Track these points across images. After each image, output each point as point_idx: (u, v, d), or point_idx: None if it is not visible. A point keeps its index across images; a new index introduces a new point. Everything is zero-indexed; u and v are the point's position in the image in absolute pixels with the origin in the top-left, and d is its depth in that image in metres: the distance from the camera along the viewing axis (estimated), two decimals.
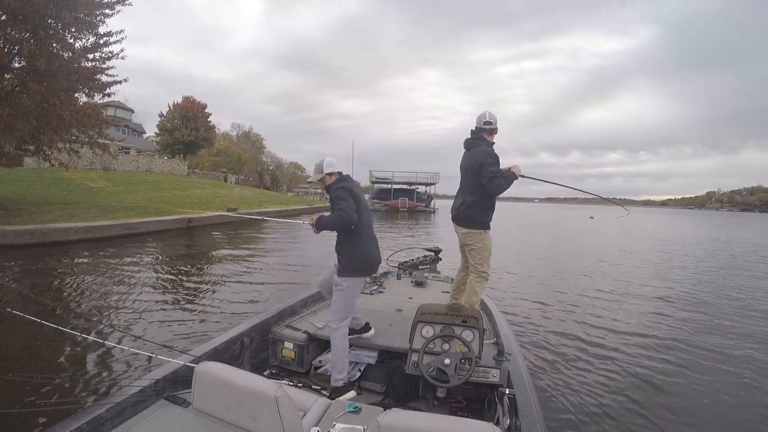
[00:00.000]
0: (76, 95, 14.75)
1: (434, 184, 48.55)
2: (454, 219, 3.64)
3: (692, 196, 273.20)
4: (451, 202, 3.87)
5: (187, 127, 37.31)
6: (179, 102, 38.14)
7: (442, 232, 21.86)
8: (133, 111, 47.73)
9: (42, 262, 9.12)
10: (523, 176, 3.55)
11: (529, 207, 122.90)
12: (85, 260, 9.62)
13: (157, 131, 39.67)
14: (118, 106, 45.22)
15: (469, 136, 3.56)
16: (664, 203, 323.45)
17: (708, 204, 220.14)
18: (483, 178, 3.25)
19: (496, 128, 3.51)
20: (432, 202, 48.22)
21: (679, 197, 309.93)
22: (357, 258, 2.90)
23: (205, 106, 39.01)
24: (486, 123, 3.47)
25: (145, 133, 48.05)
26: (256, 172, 57.95)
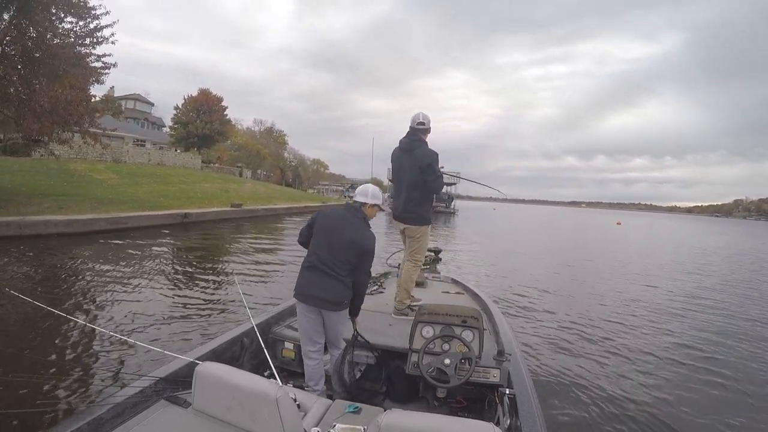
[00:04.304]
0: (90, 87, 14.23)
1: (455, 184, 46.87)
2: (398, 217, 3.86)
3: (719, 203, 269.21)
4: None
5: (202, 120, 36.82)
6: (195, 95, 37.67)
7: (462, 241, 20.70)
8: (153, 104, 48.04)
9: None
10: (444, 173, 3.87)
11: (573, 212, 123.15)
12: (45, 256, 8.78)
13: (171, 124, 39.32)
14: (138, 99, 45.62)
15: (405, 137, 3.73)
16: (689, 210, 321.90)
17: (735, 212, 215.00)
18: (429, 176, 3.54)
19: (429, 128, 3.72)
20: (453, 203, 46.68)
21: (706, 204, 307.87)
22: (297, 281, 2.84)
23: (221, 99, 38.35)
24: (419, 123, 3.67)
25: (165, 126, 48.18)
26: (278, 169, 57.56)
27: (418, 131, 3.67)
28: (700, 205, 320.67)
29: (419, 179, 3.60)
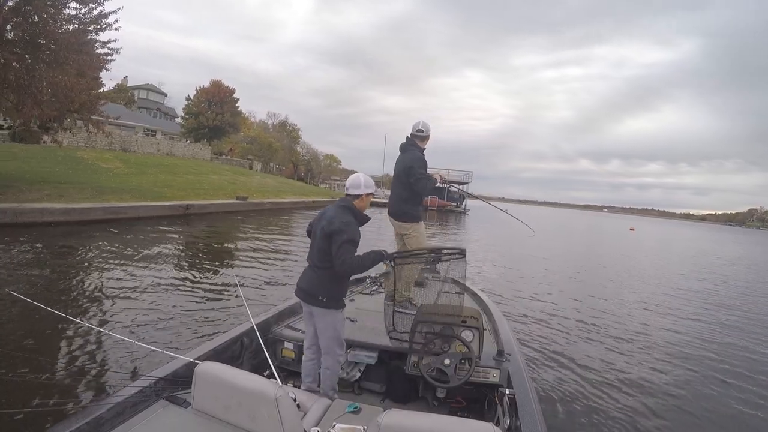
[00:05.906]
0: (99, 75, 14.02)
1: (467, 183, 46.00)
2: (391, 214, 4.09)
3: (733, 212, 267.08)
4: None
5: (213, 112, 36.68)
6: (206, 86, 37.51)
7: (475, 243, 20.13)
8: (166, 95, 48.21)
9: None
10: (444, 181, 4.28)
11: (594, 216, 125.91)
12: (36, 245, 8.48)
13: (183, 115, 39.26)
14: (151, 89, 45.79)
15: (405, 141, 4.04)
16: (703, 218, 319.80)
17: (749, 222, 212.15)
18: (411, 178, 3.81)
19: (428, 136, 4.04)
20: (464, 203, 45.86)
21: (720, 212, 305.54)
22: None
23: (233, 91, 38.18)
24: (418, 131, 3.99)
25: (177, 117, 48.33)
26: (291, 162, 57.34)
27: (415, 137, 3.99)
28: (714, 213, 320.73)
29: (406, 179, 3.90)
